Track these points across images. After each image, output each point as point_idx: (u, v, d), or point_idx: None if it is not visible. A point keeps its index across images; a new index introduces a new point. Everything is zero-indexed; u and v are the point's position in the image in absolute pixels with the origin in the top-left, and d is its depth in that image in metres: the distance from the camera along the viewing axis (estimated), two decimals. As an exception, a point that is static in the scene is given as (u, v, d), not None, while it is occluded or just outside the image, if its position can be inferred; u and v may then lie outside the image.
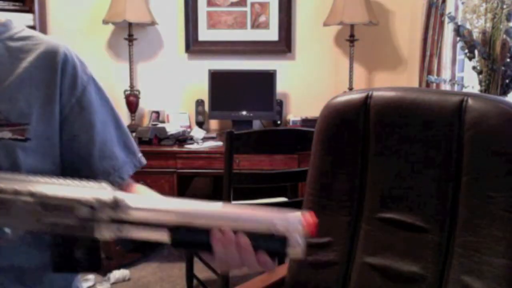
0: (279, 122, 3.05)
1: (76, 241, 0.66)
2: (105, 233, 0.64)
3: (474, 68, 1.97)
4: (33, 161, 0.80)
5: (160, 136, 2.65)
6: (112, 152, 0.88)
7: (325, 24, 2.96)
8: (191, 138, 2.71)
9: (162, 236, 0.63)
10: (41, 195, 0.65)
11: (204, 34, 3.13)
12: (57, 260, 0.69)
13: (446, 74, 2.38)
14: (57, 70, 0.82)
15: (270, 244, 0.62)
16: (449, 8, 2.30)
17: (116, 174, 0.87)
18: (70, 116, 0.84)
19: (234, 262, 0.63)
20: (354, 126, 1.13)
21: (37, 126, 0.80)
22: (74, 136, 0.84)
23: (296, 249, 0.62)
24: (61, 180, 0.67)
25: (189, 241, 0.64)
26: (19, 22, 0.87)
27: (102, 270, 0.77)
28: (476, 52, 1.92)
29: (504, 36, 1.80)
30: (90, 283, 2.51)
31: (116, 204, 0.63)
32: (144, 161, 0.95)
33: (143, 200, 0.66)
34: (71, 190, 0.65)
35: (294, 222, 0.61)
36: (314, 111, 2.56)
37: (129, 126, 3.00)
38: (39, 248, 0.83)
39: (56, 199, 0.64)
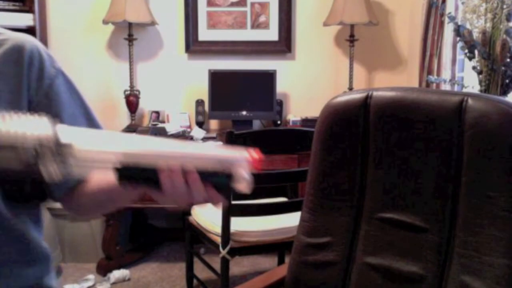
0: (279, 122, 3.05)
1: (24, 179, 0.67)
2: (50, 171, 0.63)
3: (474, 68, 1.97)
4: None
5: (160, 136, 2.64)
6: None
7: (325, 24, 2.96)
8: (191, 138, 2.71)
9: (108, 173, 0.64)
10: None
11: (204, 34, 3.13)
12: (7, 192, 0.70)
13: (446, 74, 2.38)
14: (23, 64, 0.83)
15: (217, 178, 0.65)
16: (449, 8, 2.30)
17: None
18: (38, 109, 0.83)
19: (183, 196, 0.65)
20: (354, 126, 1.13)
21: None
22: None
23: (242, 183, 0.65)
24: (1, 120, 0.65)
25: (137, 178, 0.65)
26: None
27: (45, 201, 0.78)
28: (476, 52, 1.92)
29: (504, 36, 1.80)
30: (90, 283, 2.51)
31: (59, 141, 0.63)
32: None
33: (89, 137, 0.65)
34: (12, 134, 0.63)
35: (240, 158, 0.64)
36: (314, 111, 2.57)
37: (129, 126, 3.00)
38: (6, 243, 0.83)
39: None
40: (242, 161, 0.65)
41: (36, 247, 0.90)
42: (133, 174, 0.64)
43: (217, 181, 0.66)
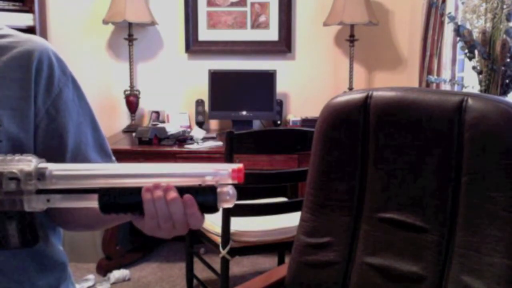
0: (279, 122, 3.05)
1: (7, 216, 0.65)
2: (35, 205, 0.64)
3: (474, 68, 1.97)
4: None
5: (160, 136, 2.65)
6: (85, 156, 0.86)
7: (325, 24, 2.96)
8: (191, 138, 2.71)
9: (92, 202, 0.64)
10: None
11: (204, 34, 3.13)
12: None
13: (446, 74, 2.38)
14: (31, 70, 0.79)
15: (199, 196, 0.63)
16: (449, 8, 2.30)
17: None
18: (45, 118, 0.81)
19: (164, 218, 0.64)
20: (354, 126, 1.13)
21: (9, 128, 0.77)
22: (48, 138, 0.82)
23: (226, 198, 0.63)
24: None
25: (119, 203, 0.64)
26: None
27: (37, 244, 0.75)
28: (476, 52, 1.92)
29: (504, 36, 1.80)
30: (90, 283, 2.51)
31: (40, 174, 0.63)
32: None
33: (69, 167, 0.65)
34: None
35: (222, 172, 0.63)
36: (314, 111, 2.57)
37: (129, 126, 3.01)
38: (21, 252, 0.81)
39: None
40: (226, 174, 0.63)
41: (53, 254, 0.88)
42: (115, 199, 0.63)
43: (200, 198, 0.64)
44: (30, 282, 0.84)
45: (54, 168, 0.64)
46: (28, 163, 0.64)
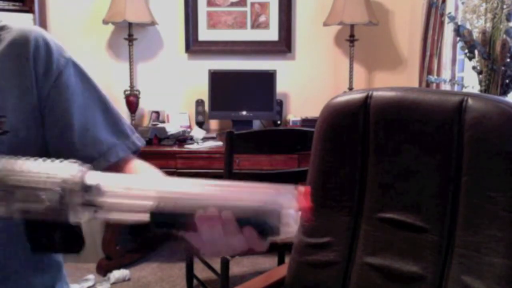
0: (279, 122, 3.05)
1: (53, 225, 0.62)
2: (81, 217, 0.60)
3: (474, 68, 1.97)
4: (14, 156, 0.78)
5: (160, 136, 2.65)
6: (95, 137, 0.84)
7: (325, 24, 2.96)
8: (191, 138, 2.71)
9: (143, 218, 0.59)
10: (4, 184, 0.60)
11: (204, 34, 3.13)
12: (35, 242, 0.65)
13: (446, 74, 2.38)
14: (29, 57, 0.78)
15: (260, 220, 0.58)
16: (449, 8, 2.30)
17: (102, 159, 0.83)
18: (48, 102, 0.80)
19: (220, 241, 0.59)
20: (354, 126, 1.13)
21: (14, 118, 0.77)
22: (53, 123, 0.81)
23: (288, 227, 0.57)
24: (28, 162, 0.61)
25: (171, 221, 0.59)
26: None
27: (82, 251, 0.72)
28: (476, 52, 1.92)
29: (504, 36, 1.80)
30: (90, 283, 2.51)
31: (87, 187, 0.59)
32: (140, 142, 0.90)
33: (119, 181, 0.60)
34: (37, 175, 0.60)
35: (287, 195, 0.57)
36: (314, 111, 2.56)
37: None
38: (18, 250, 0.81)
39: (21, 187, 0.60)
40: (290, 197, 0.57)
41: (48, 254, 0.88)
42: (168, 219, 0.59)
43: (261, 223, 0.58)
44: (25, 281, 0.84)
45: (103, 181, 0.59)
46: (72, 176, 0.59)
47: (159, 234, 0.63)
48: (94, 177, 0.60)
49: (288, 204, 0.57)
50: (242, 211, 0.58)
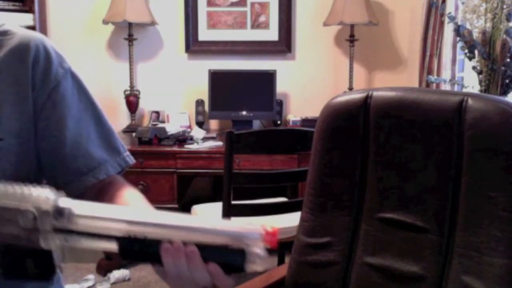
0: (279, 122, 3.05)
1: (25, 250, 0.63)
2: (51, 243, 0.61)
3: (474, 68, 1.97)
4: (7, 163, 0.77)
5: (160, 136, 2.65)
6: (87, 151, 0.83)
7: (325, 24, 2.96)
8: (191, 138, 2.71)
9: (111, 246, 0.60)
10: None
11: (204, 34, 3.13)
12: (8, 268, 0.65)
13: (446, 74, 2.38)
14: (28, 65, 0.78)
15: (225, 256, 0.58)
16: (449, 8, 2.30)
17: (91, 174, 0.82)
18: (43, 112, 0.80)
19: (185, 275, 0.59)
20: (354, 126, 1.13)
21: (9, 125, 0.76)
22: (46, 133, 0.80)
23: (255, 262, 0.58)
24: (2, 186, 0.62)
25: (139, 252, 0.60)
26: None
27: (52, 279, 0.72)
28: (476, 52, 1.92)
29: (504, 36, 1.80)
30: (90, 283, 2.51)
31: (59, 213, 0.60)
32: (131, 160, 0.89)
33: (91, 207, 0.61)
34: (11, 199, 0.61)
35: (253, 233, 0.58)
36: (314, 111, 2.56)
37: (129, 126, 3.00)
38: None
39: None
40: (256, 236, 0.57)
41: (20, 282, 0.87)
42: (135, 247, 0.60)
43: (226, 259, 0.59)
44: (16, 286, 0.83)
45: (75, 207, 0.60)
46: (46, 199, 0.60)
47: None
48: (66, 203, 0.61)
49: (255, 243, 0.57)
50: (208, 246, 0.58)
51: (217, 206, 2.02)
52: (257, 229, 0.58)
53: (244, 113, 3.00)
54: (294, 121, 2.95)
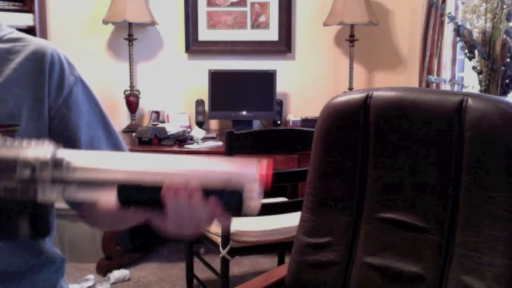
0: (279, 122, 3.05)
1: (19, 207, 0.63)
2: (49, 195, 0.60)
3: (474, 68, 1.97)
4: None
5: (160, 136, 2.65)
6: None
7: (325, 24, 2.96)
8: (191, 138, 2.71)
9: (110, 196, 0.60)
10: None
11: (204, 34, 3.13)
12: (1, 230, 0.65)
13: (446, 74, 2.38)
14: (44, 71, 0.82)
15: (224, 197, 0.60)
16: (449, 8, 2.30)
17: None
18: (57, 117, 0.83)
19: (186, 216, 0.61)
20: (354, 126, 1.13)
21: (27, 127, 0.79)
22: (62, 138, 0.81)
23: (252, 202, 0.59)
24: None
25: (139, 199, 0.61)
26: (9, 24, 0.87)
27: (46, 237, 0.72)
28: (476, 52, 1.92)
29: (504, 36, 1.80)
30: (90, 283, 2.51)
31: (57, 163, 0.60)
32: None
33: (88, 157, 0.61)
34: (9, 150, 0.61)
35: (250, 174, 0.59)
36: (314, 111, 2.56)
37: (129, 126, 3.00)
38: (21, 249, 0.82)
39: None
40: (253, 175, 0.59)
41: (50, 253, 0.89)
42: (135, 193, 0.60)
43: (225, 199, 0.60)
44: (29, 280, 0.85)
45: (73, 157, 0.60)
46: (45, 150, 0.60)
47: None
48: (64, 153, 0.61)
49: (252, 176, 0.59)
50: (208, 183, 0.60)
51: (217, 206, 2.02)
52: (252, 169, 0.59)
53: (244, 113, 3.00)
54: (294, 121, 2.95)
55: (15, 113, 0.79)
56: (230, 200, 0.60)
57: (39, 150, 0.61)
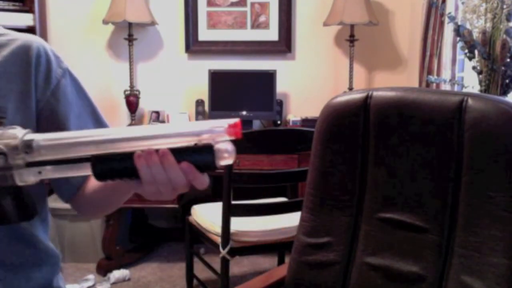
0: (279, 122, 3.05)
1: (2, 192, 0.64)
2: (26, 178, 0.61)
3: (474, 68, 1.97)
4: None
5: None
6: None
7: (325, 24, 2.96)
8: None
9: (85, 169, 0.61)
10: None
11: (204, 34, 3.13)
12: None
13: (446, 74, 2.38)
14: (31, 64, 0.83)
15: (195, 156, 0.61)
16: (449, 8, 2.30)
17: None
18: (46, 109, 0.84)
19: (162, 181, 0.61)
20: (354, 126, 1.13)
21: (14, 120, 0.79)
22: (49, 128, 0.82)
23: (224, 155, 0.60)
24: None
25: (113, 169, 0.61)
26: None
27: (34, 217, 0.73)
28: (476, 52, 1.92)
29: (504, 36, 1.80)
30: (90, 283, 2.51)
31: (27, 146, 0.60)
32: None
33: (56, 136, 0.62)
34: None
35: (218, 129, 0.59)
36: (314, 111, 2.57)
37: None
38: (17, 245, 0.83)
39: None
40: (222, 130, 0.59)
41: (45, 247, 0.90)
42: (108, 164, 0.61)
43: (197, 157, 0.60)
44: (25, 276, 0.85)
45: (41, 138, 0.61)
46: (13, 135, 0.61)
47: None
48: (33, 136, 0.61)
49: (220, 129, 0.59)
50: (177, 149, 0.60)
51: (217, 206, 2.03)
52: (220, 123, 0.60)
53: (244, 113, 3.00)
54: (294, 121, 2.95)
55: (1, 106, 0.79)
56: (202, 156, 0.60)
57: (8, 135, 0.61)
